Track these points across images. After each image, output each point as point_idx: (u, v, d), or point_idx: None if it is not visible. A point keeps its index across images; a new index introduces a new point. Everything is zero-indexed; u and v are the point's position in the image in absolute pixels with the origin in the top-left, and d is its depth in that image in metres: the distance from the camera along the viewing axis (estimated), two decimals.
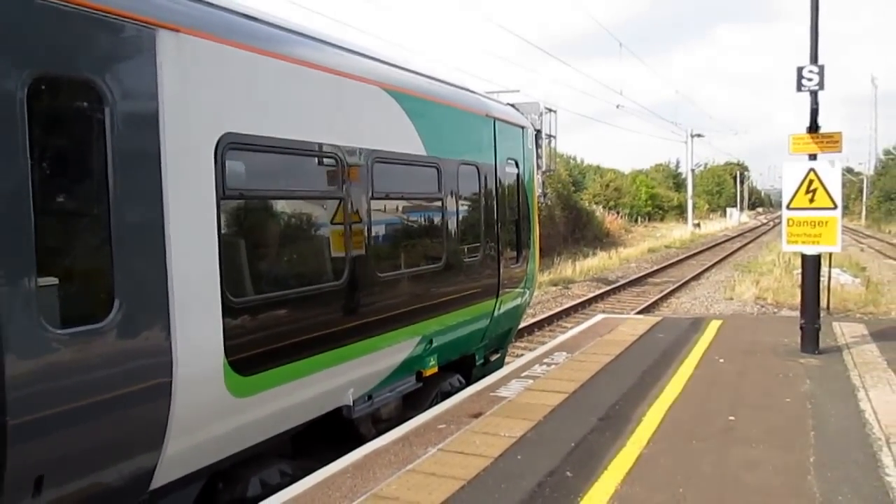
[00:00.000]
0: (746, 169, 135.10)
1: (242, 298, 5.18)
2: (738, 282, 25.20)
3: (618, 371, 8.83)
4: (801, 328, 9.77)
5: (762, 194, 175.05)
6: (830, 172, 9.45)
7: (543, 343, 12.70)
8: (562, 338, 11.29)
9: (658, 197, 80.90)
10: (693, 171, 68.81)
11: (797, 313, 10.21)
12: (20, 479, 3.84)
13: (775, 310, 19.84)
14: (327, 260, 6.36)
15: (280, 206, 5.86)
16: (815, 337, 9.68)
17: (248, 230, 5.54)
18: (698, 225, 68.06)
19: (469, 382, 8.96)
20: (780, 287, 22.32)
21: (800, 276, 10.17)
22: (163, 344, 4.52)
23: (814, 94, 9.45)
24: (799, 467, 5.57)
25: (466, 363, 9.31)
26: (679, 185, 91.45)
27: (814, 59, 9.37)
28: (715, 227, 75.52)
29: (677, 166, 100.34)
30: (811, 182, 9.47)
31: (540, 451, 5.99)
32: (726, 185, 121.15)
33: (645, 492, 5.16)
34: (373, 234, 6.73)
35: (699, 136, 65.58)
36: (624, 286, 24.98)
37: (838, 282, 21.58)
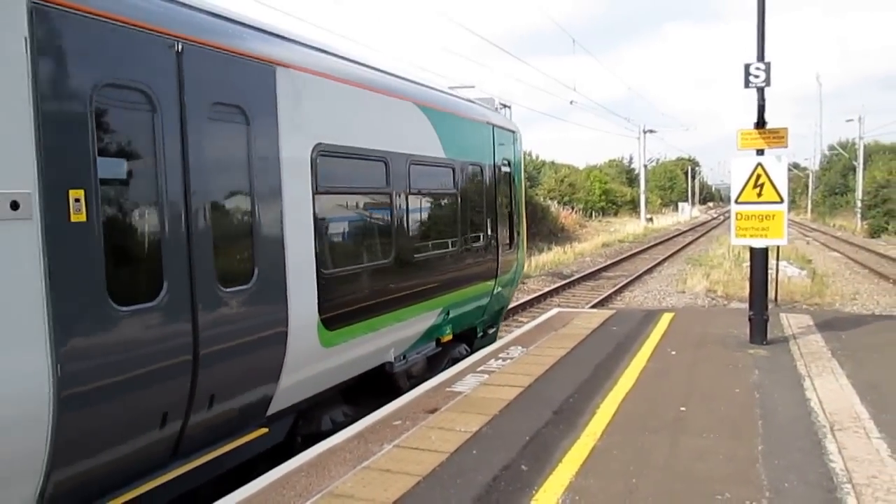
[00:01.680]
0: (697, 164, 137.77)
1: (328, 271, 6.73)
2: (689, 275, 25.65)
3: (572, 364, 8.91)
4: (750, 320, 9.98)
5: (713, 189, 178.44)
6: (777, 167, 9.66)
7: (499, 338, 12.75)
8: (517, 332, 11.35)
9: (612, 192, 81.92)
10: (646, 166, 69.78)
11: (746, 305, 10.43)
12: (203, 398, 5.34)
13: (725, 302, 20.26)
14: (381, 243, 7.88)
15: (350, 199, 7.48)
16: (763, 328, 9.90)
17: (330, 218, 6.97)
18: (651, 220, 69.09)
19: (472, 352, 10.34)
20: (730, 280, 22.79)
21: (748, 269, 10.39)
22: (282, 303, 6.07)
23: (761, 91, 9.64)
24: (747, 456, 5.69)
25: (469, 336, 10.84)
26: (632, 180, 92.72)
27: (761, 56, 9.57)
28: (667, 221, 76.78)
29: (630, 162, 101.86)
30: (759, 177, 9.67)
31: (495, 446, 6.02)
32: (678, 181, 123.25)
33: (598, 483, 5.21)
34: (410, 222, 8.36)
35: (651, 132, 66.53)
36: (578, 280, 25.22)
37: (785, 274, 22.14)
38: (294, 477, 5.50)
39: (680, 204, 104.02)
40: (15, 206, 3.96)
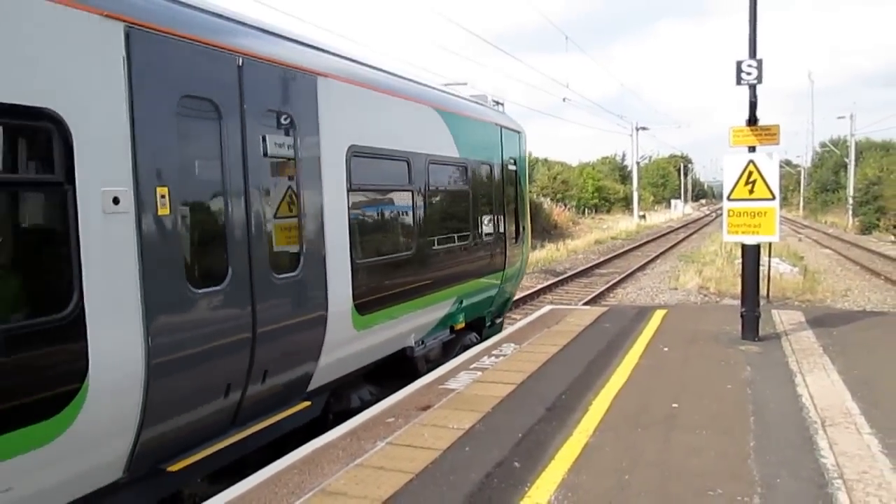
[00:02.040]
0: (690, 161, 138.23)
1: (360, 261, 7.41)
2: (681, 272, 25.72)
3: (565, 361, 8.92)
4: (742, 316, 10.02)
5: (705, 186, 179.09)
6: (769, 164, 9.69)
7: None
8: (510, 329, 11.36)
9: (605, 189, 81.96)
10: (638, 163, 69.93)
11: (738, 302, 10.46)
12: (258, 372, 5.95)
13: (717, 299, 20.32)
14: (404, 236, 8.61)
15: (377, 195, 8.20)
16: (755, 325, 9.93)
17: (361, 213, 7.66)
18: (644, 217, 69.23)
19: (481, 340, 11.00)
20: (723, 276, 22.86)
21: (741, 266, 10.42)
22: (323, 289, 6.76)
23: (752, 88, 9.66)
24: (739, 452, 5.71)
25: (479, 325, 11.37)
26: (625, 177, 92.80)
27: (752, 53, 9.59)
28: (660, 218, 76.95)
29: (623, 159, 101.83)
30: (751, 174, 9.69)
31: (488, 443, 6.02)
32: (671, 178, 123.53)
33: (591, 480, 5.22)
34: (429, 217, 9.02)
35: (644, 129, 66.67)
36: (571, 277, 25.26)
37: (777, 271, 22.21)
38: (287, 474, 5.49)
39: (672, 201, 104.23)
40: (116, 201, 4.65)
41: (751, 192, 9.70)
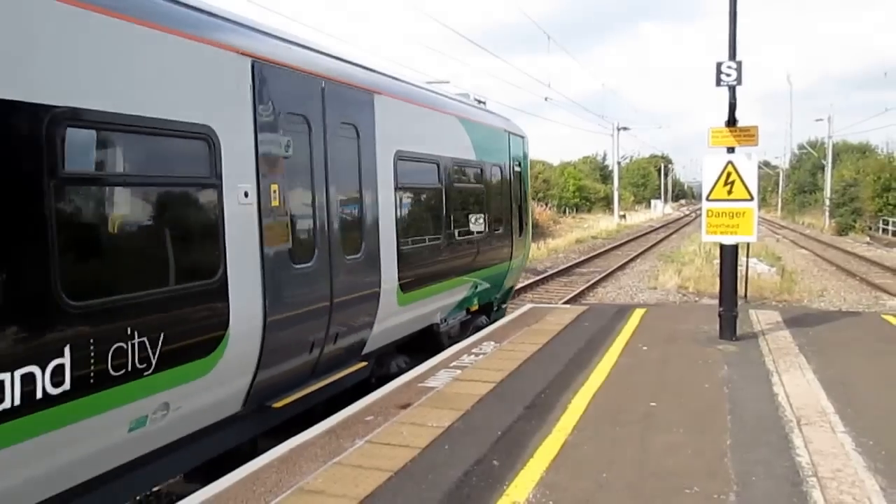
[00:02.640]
0: (670, 162, 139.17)
1: (403, 248, 8.73)
2: (661, 271, 25.90)
3: (545, 360, 8.95)
4: (720, 316, 10.10)
5: (685, 186, 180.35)
6: (747, 165, 9.77)
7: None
8: (490, 328, 11.37)
9: (585, 189, 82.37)
10: (619, 163, 70.30)
11: (717, 301, 10.54)
12: (332, 335, 7.25)
13: (696, 298, 20.48)
14: (434, 228, 9.92)
15: (416, 192, 9.56)
16: (733, 324, 10.02)
17: (403, 207, 8.94)
18: (624, 216, 69.61)
19: (489, 323, 12.24)
20: (701, 276, 23.03)
21: (719, 266, 10.50)
22: (377, 270, 8.11)
23: (732, 89, 9.73)
24: (716, 450, 5.76)
25: (487, 309, 12.60)
26: (606, 177, 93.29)
27: (732, 55, 9.66)
28: (640, 218, 77.43)
29: (604, 159, 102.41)
30: (729, 174, 9.77)
31: (467, 441, 6.03)
32: (651, 178, 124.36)
33: (569, 478, 5.24)
34: (453, 212, 10.37)
35: (625, 129, 67.03)
36: (552, 276, 25.35)
37: (755, 271, 22.43)
38: (264, 473, 5.46)
39: (653, 201, 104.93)
40: (246, 195, 5.96)
41: (729, 192, 9.77)
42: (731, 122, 9.79)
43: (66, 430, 4.45)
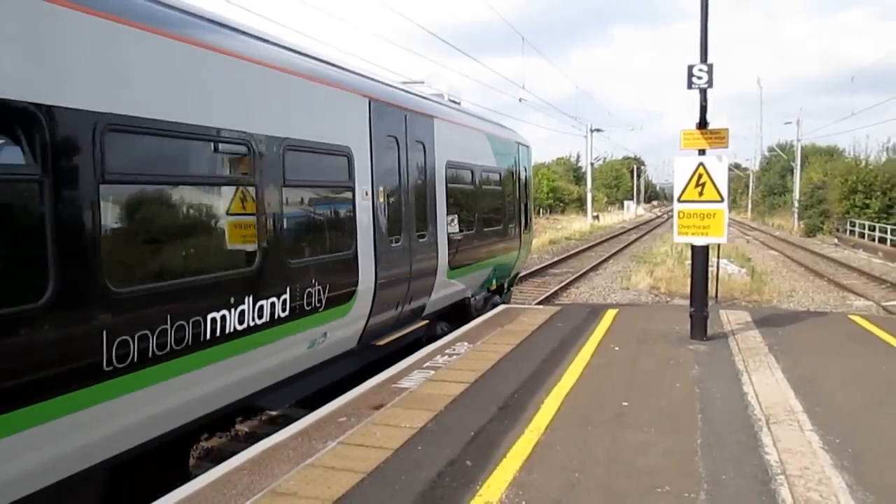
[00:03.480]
0: (643, 163, 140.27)
1: (451, 234, 11.15)
2: (633, 272, 26.12)
3: (518, 360, 8.97)
4: (691, 316, 10.19)
5: (657, 188, 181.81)
6: (718, 167, 9.86)
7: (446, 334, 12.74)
8: (464, 328, 11.35)
9: (559, 190, 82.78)
10: (592, 164, 70.70)
11: (688, 302, 10.63)
12: (409, 297, 9.78)
13: (668, 299, 20.67)
14: (469, 219, 12.29)
15: (459, 192, 11.85)
16: (704, 324, 10.12)
17: (451, 202, 11.30)
18: (597, 217, 70.06)
19: (502, 301, 14.97)
20: (673, 277, 23.26)
21: (690, 267, 10.59)
22: (435, 250, 10.58)
23: (703, 92, 9.81)
24: (686, 449, 5.81)
25: (499, 290, 15.08)
26: (579, 178, 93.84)
27: (704, 58, 9.74)
28: (613, 219, 77.98)
29: (578, 160, 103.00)
30: (700, 176, 9.86)
31: (440, 442, 6.02)
32: (624, 179, 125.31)
33: (542, 478, 5.26)
34: (481, 208, 12.97)
35: (598, 130, 67.38)
36: (525, 277, 25.37)
37: (726, 272, 22.70)
38: (236, 475, 5.41)
39: (625, 202, 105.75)
40: (366, 194, 8.50)
41: (700, 193, 9.87)
42: (703, 124, 9.88)
43: (286, 340, 6.93)
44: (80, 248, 4.65)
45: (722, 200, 9.81)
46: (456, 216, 11.57)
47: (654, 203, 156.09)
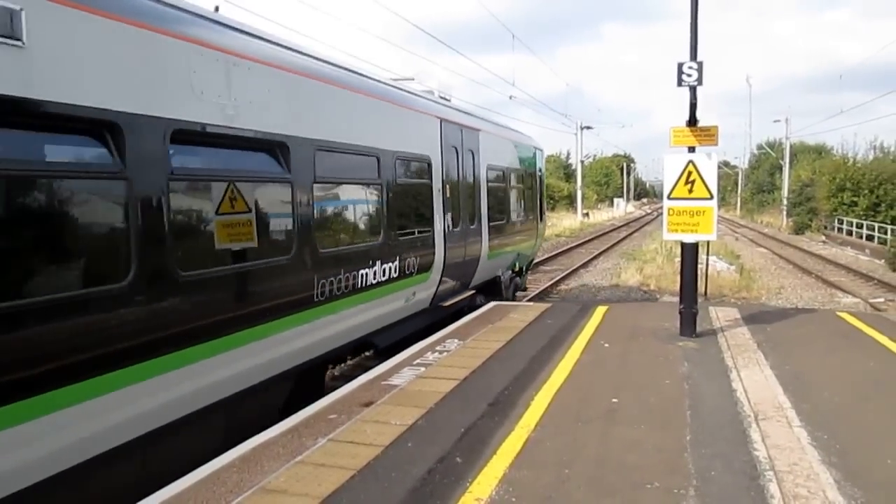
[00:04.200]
0: (633, 161, 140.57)
1: (489, 224, 13.75)
2: (623, 269, 26.19)
3: (508, 357, 8.98)
4: (680, 313, 10.23)
5: (647, 185, 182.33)
6: (707, 164, 9.89)
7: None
8: (454, 325, 11.35)
9: (549, 187, 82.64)
10: (582, 162, 70.85)
11: (677, 299, 10.67)
12: (476, 275, 13.54)
13: (658, 296, 20.74)
14: (502, 212, 15.08)
15: (496, 190, 14.45)
16: (693, 321, 10.16)
17: (489, 199, 13.80)
18: (587, 215, 70.19)
19: (522, 283, 17.92)
20: (663, 274, 23.36)
21: (679, 264, 10.62)
22: (480, 237, 13.30)
23: (693, 90, 9.83)
24: (676, 445, 5.84)
25: (519, 273, 17.25)
26: (569, 175, 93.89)
27: (693, 55, 9.77)
28: (603, 216, 78.09)
29: (568, 157, 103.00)
30: (690, 173, 9.89)
31: (430, 438, 6.02)
32: (613, 177, 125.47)
33: (532, 474, 5.27)
34: (510, 203, 15.86)
35: (588, 128, 67.54)
36: None
37: (715, 269, 22.81)
38: (225, 473, 5.39)
39: (615, 199, 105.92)
40: (438, 191, 11.10)
41: (690, 191, 9.89)
42: (692, 122, 9.90)
43: (393, 295, 9.58)
44: (329, 226, 8.29)
45: (711, 198, 9.84)
46: (493, 209, 14.24)
47: (644, 200, 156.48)
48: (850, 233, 40.85)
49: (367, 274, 8.67)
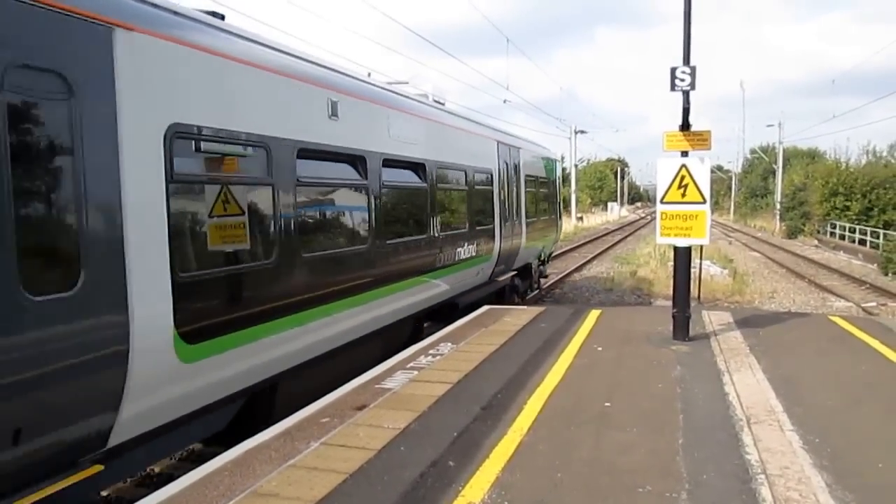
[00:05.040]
0: (626, 165, 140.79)
1: (526, 221, 17.44)
2: (616, 273, 26.20)
3: (501, 360, 8.98)
4: (674, 317, 10.24)
5: (641, 189, 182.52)
6: (700, 168, 9.92)
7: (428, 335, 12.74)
8: (448, 329, 11.34)
9: None
10: (576, 166, 70.83)
11: (670, 303, 10.69)
12: (517, 259, 17.14)
13: (651, 299, 20.78)
14: (534, 210, 18.52)
15: (532, 194, 18.45)
16: (686, 325, 10.17)
17: (528, 200, 17.77)
18: (581, 218, 70.22)
19: (544, 271, 21.68)
20: (656, 278, 23.39)
21: (673, 268, 10.64)
22: (521, 231, 17.00)
23: (686, 94, 9.85)
24: (668, 449, 5.84)
25: (542, 263, 20.72)
26: (563, 179, 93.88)
27: (686, 60, 9.80)
28: (597, 220, 78.22)
29: (562, 161, 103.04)
30: (683, 177, 9.91)
31: (423, 442, 6.01)
32: (607, 181, 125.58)
33: (524, 478, 5.27)
34: (538, 203, 19.19)
35: (582, 132, 67.49)
36: None
37: (708, 273, 22.87)
38: (217, 476, 5.37)
39: (609, 203, 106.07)
40: (496, 195, 14.81)
41: (683, 195, 9.92)
42: (685, 126, 9.93)
43: (470, 269, 13.16)
44: (442, 216, 11.72)
45: (704, 202, 9.87)
46: (531, 209, 17.98)
47: (638, 204, 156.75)
48: (842, 237, 41.00)
49: (460, 252, 12.50)
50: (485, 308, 13.47)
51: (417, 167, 10.74)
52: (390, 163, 9.65)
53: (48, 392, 4.52)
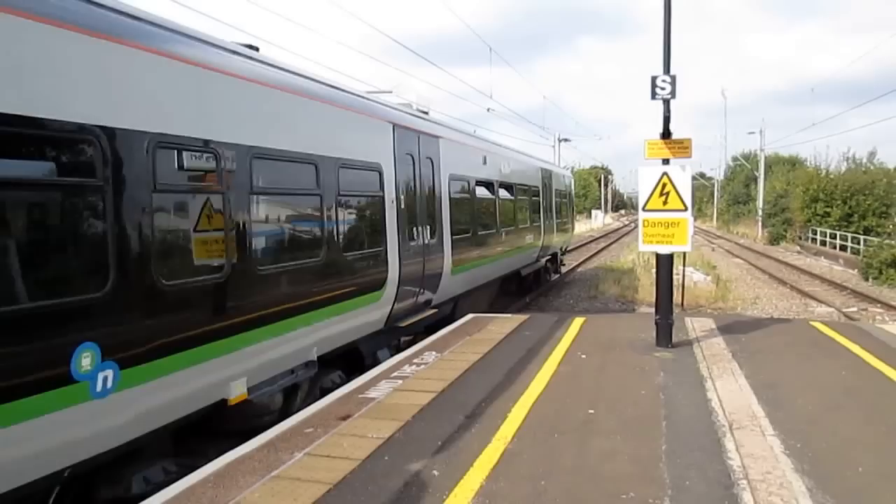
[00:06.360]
0: (610, 173, 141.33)
1: (546, 222, 23.00)
2: (601, 280, 26.31)
3: (486, 369, 8.99)
4: (657, 324, 10.30)
5: (625, 197, 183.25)
6: (682, 176, 10.00)
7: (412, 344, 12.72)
8: (432, 338, 11.33)
9: None
10: None
11: (654, 310, 10.74)
12: (541, 253, 22.55)
13: (635, 307, 20.87)
14: (559, 216, 25.15)
15: (558, 203, 25.51)
16: (669, 332, 10.23)
17: (553, 207, 24.63)
18: None
19: (561, 262, 27.94)
20: (640, 285, 23.49)
21: (655, 275, 10.70)
22: (539, 230, 21.85)
23: (666, 102, 9.95)
24: (651, 455, 5.87)
25: (562, 252, 27.30)
26: None
27: (667, 69, 9.89)
28: (581, 228, 78.25)
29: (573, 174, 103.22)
30: (664, 185, 9.98)
31: (407, 451, 6.01)
32: (591, 188, 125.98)
33: (509, 486, 5.27)
34: (558, 210, 25.21)
35: (566, 140, 67.76)
36: None
37: (691, 279, 22.99)
38: (200, 488, 5.34)
39: (593, 211, 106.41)
40: (543, 201, 22.29)
41: (665, 203, 9.98)
42: (666, 134, 10.01)
43: (521, 255, 19.48)
44: (509, 218, 17.81)
45: (686, 209, 9.94)
46: (556, 213, 23.72)
47: (622, 212, 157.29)
48: (823, 243, 41.36)
49: (527, 237, 19.39)
50: (469, 316, 13.48)
51: (511, 187, 17.98)
52: (504, 185, 17.22)
53: None
